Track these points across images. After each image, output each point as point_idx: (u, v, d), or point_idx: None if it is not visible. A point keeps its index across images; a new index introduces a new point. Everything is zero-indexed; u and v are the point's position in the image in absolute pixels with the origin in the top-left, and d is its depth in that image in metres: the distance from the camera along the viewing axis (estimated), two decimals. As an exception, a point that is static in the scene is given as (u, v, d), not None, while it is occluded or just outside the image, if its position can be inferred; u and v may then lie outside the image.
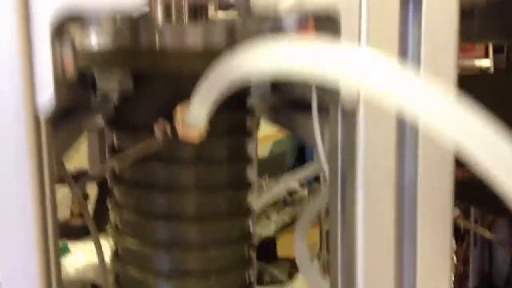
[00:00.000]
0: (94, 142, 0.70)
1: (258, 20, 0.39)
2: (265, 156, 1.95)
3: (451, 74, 0.29)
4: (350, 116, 0.32)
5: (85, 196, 1.25)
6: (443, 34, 0.28)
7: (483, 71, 0.72)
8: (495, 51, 1.01)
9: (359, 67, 0.22)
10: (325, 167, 0.35)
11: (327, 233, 1.52)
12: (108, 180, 0.53)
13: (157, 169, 0.48)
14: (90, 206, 1.27)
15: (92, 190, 1.31)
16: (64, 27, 0.29)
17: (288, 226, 1.70)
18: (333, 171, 0.35)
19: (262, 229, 1.45)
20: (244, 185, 0.53)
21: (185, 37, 0.44)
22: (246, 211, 0.52)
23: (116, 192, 0.51)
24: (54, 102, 0.29)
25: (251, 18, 0.37)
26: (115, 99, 0.47)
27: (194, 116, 0.38)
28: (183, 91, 0.47)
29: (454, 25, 0.28)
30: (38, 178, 0.29)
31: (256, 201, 0.61)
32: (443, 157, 0.30)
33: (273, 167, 1.84)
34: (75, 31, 0.30)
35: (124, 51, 0.32)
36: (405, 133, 0.31)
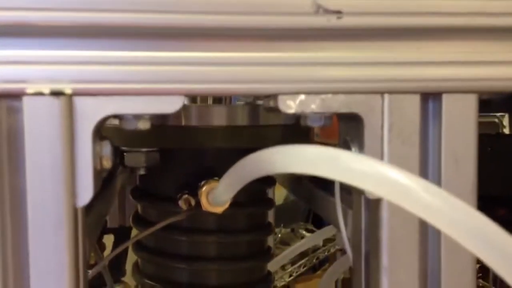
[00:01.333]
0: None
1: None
2: (281, 202, 1.96)
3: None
4: (374, 205, 0.33)
5: (102, 246, 1.25)
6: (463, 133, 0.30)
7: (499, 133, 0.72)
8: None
9: (380, 180, 0.23)
10: (348, 250, 0.36)
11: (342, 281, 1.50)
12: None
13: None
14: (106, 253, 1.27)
15: (108, 240, 1.31)
16: (103, 123, 0.31)
17: (302, 275, 1.69)
18: (356, 253, 0.36)
19: (277, 281, 1.44)
20: (264, 254, 0.54)
21: (210, 116, 0.46)
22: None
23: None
24: (91, 193, 0.31)
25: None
26: (142, 171, 0.49)
27: (220, 197, 0.40)
28: (206, 164, 0.49)
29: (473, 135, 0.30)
30: (74, 266, 0.30)
31: (271, 266, 0.61)
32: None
33: (288, 213, 1.85)
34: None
35: (152, 130, 0.34)
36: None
